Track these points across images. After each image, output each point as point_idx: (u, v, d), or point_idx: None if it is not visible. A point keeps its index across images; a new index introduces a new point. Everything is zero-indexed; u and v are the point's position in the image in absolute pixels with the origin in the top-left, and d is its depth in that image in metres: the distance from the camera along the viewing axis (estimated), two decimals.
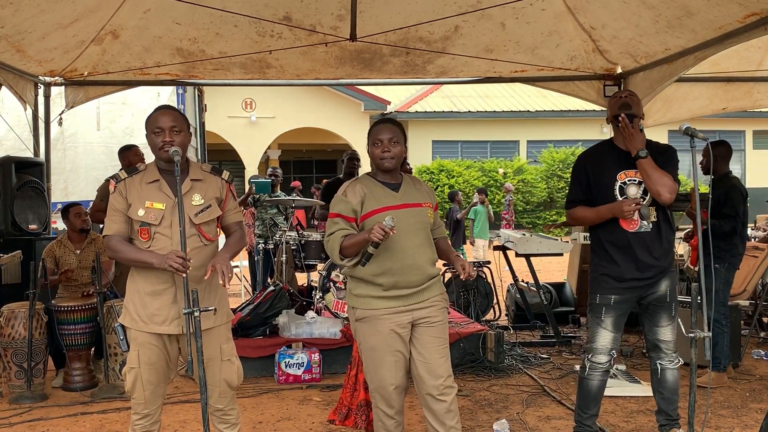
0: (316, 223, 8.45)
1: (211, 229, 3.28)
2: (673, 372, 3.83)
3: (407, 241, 3.20)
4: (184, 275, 3.01)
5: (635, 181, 3.76)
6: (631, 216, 3.71)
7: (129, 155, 6.33)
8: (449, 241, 3.46)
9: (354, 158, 7.23)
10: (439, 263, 3.42)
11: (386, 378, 3.25)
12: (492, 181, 20.55)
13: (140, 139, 7.43)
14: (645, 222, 3.75)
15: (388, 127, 3.25)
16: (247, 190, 8.42)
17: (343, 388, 4.31)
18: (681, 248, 7.39)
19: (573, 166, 4.00)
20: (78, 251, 5.51)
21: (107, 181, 6.44)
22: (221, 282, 3.15)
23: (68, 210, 5.55)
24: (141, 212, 3.14)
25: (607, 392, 4.64)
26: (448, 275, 7.76)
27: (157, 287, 3.16)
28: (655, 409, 3.92)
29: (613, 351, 3.81)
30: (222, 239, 3.44)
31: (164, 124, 3.14)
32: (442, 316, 3.33)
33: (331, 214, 3.29)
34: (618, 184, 3.79)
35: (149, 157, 3.41)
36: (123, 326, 3.24)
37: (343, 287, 5.79)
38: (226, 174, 3.36)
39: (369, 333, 3.26)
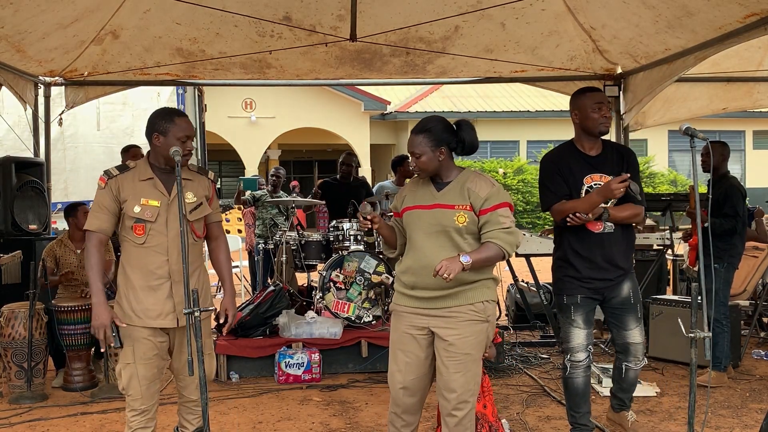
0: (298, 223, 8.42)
1: (200, 227, 3.37)
2: (636, 372, 4.01)
3: (426, 241, 3.16)
4: (102, 349, 3.23)
5: (601, 185, 3.77)
6: (621, 194, 3.67)
7: (127, 156, 6.36)
8: (491, 245, 3.11)
9: (344, 163, 7.43)
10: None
11: (395, 376, 3.27)
12: None
13: (140, 139, 7.45)
14: (609, 224, 3.77)
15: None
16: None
17: None
18: (681, 248, 7.39)
19: (541, 167, 3.97)
20: (79, 251, 5.50)
21: None
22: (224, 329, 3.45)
23: (76, 208, 5.54)
24: (137, 209, 3.19)
25: (607, 392, 4.66)
26: None
27: (152, 282, 3.21)
28: (612, 393, 4.18)
29: (590, 347, 3.87)
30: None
31: (190, 133, 3.26)
32: (463, 330, 3.13)
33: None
34: (585, 188, 3.81)
35: None
36: (115, 322, 3.27)
37: (343, 287, 5.79)
38: (211, 174, 3.47)
39: (392, 327, 3.34)
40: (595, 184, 3.78)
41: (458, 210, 3.14)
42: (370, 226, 3.20)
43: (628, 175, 3.68)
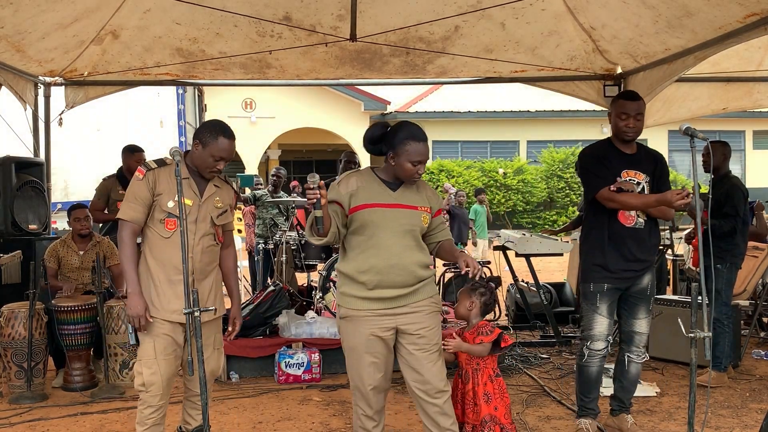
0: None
1: (220, 232, 3.51)
2: (638, 366, 4.10)
3: (393, 240, 3.19)
4: (131, 339, 3.33)
5: (634, 181, 3.95)
6: (681, 207, 3.80)
7: (131, 160, 6.26)
8: (452, 243, 3.46)
9: (350, 161, 7.29)
10: (440, 263, 3.46)
11: (365, 379, 3.28)
12: (492, 181, 20.54)
13: (140, 139, 7.46)
14: (640, 219, 3.94)
15: None
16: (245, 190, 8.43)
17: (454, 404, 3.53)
18: (681, 248, 7.40)
19: (584, 159, 4.12)
20: (81, 252, 5.51)
21: (104, 179, 6.48)
22: (228, 337, 3.57)
23: (70, 212, 5.55)
24: (170, 204, 3.28)
25: (607, 392, 4.67)
26: (448, 275, 7.76)
27: (173, 277, 3.29)
28: (612, 395, 4.24)
29: (609, 337, 4.00)
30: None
31: (227, 156, 3.33)
32: (429, 322, 3.27)
33: None
34: (620, 181, 3.94)
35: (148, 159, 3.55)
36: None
37: None
38: (235, 185, 3.67)
39: (350, 333, 3.28)
40: (629, 179, 3.95)
41: (422, 211, 3.28)
42: (318, 196, 2.99)
43: (690, 191, 3.70)
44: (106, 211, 6.38)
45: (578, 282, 4.26)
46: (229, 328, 3.56)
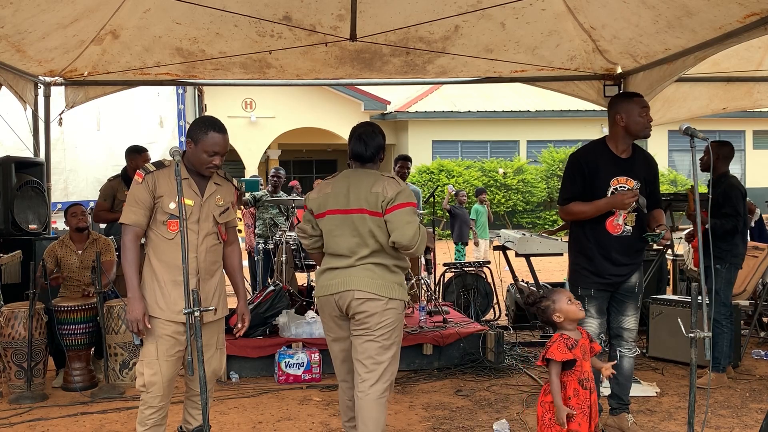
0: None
1: (224, 230, 3.51)
2: (630, 360, 4.17)
3: None
4: (134, 340, 3.30)
5: (625, 188, 3.96)
6: (631, 206, 3.90)
7: (138, 160, 6.21)
8: None
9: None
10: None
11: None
12: (492, 181, 20.54)
13: (140, 139, 7.46)
14: (627, 227, 4.00)
15: None
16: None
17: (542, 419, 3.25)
18: (680, 248, 7.39)
19: (567, 163, 4.15)
20: (80, 251, 5.50)
21: (109, 180, 6.48)
22: (237, 333, 3.54)
23: (66, 212, 5.56)
24: (172, 205, 3.29)
25: (606, 392, 4.67)
26: (448, 275, 7.76)
27: (178, 278, 3.27)
28: (610, 393, 4.28)
29: (602, 334, 4.12)
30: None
31: (221, 150, 3.31)
32: None
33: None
34: (611, 189, 3.97)
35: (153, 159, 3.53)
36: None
37: None
38: (235, 181, 3.63)
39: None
40: (620, 187, 3.96)
41: None
42: None
43: (637, 191, 3.93)
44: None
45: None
46: (239, 325, 3.56)
